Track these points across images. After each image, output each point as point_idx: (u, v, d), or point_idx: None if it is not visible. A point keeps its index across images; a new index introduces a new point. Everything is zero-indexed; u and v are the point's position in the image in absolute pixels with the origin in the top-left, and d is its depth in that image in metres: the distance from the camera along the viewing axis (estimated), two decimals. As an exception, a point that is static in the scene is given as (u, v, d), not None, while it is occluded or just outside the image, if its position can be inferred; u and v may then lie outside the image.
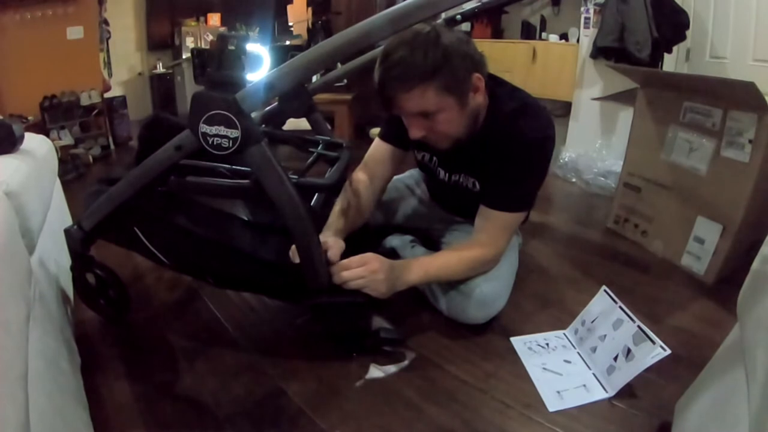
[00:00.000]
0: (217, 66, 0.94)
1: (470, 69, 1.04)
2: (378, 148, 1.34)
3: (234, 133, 0.90)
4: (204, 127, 0.91)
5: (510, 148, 1.11)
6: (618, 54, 2.38)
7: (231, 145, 0.91)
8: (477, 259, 1.18)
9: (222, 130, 0.90)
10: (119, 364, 1.13)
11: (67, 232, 1.14)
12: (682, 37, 2.28)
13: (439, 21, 1.51)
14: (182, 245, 1.12)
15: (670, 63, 2.41)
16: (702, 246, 1.49)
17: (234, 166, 1.05)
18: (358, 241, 1.23)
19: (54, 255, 1.16)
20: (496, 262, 1.22)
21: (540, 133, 1.11)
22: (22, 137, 1.08)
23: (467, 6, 1.53)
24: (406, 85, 1.00)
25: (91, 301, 1.25)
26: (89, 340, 1.21)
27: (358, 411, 1.00)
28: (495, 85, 1.16)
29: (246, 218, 1.42)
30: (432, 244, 1.46)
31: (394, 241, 1.46)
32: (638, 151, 1.78)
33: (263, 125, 1.63)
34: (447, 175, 1.30)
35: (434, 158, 1.32)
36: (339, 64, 1.81)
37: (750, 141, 1.33)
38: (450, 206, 1.45)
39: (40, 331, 0.79)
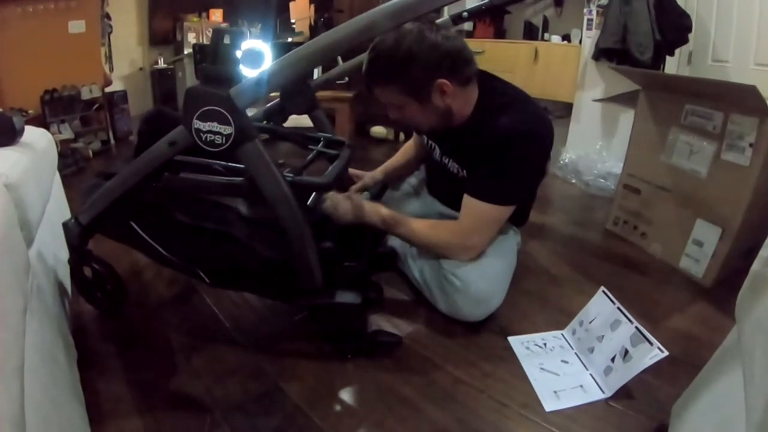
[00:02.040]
0: (212, 61, 0.93)
1: (431, 76, 1.11)
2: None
3: (227, 129, 0.89)
4: (197, 123, 0.90)
5: (489, 141, 1.14)
6: (620, 56, 2.37)
7: (224, 141, 0.90)
8: (451, 236, 1.21)
9: (215, 126, 0.89)
10: (116, 359, 1.13)
11: (65, 225, 1.14)
12: (685, 40, 2.27)
13: (444, 18, 1.52)
14: (179, 239, 1.11)
15: (672, 66, 2.40)
16: (701, 249, 1.49)
17: (229, 164, 1.05)
18: (360, 240, 1.23)
19: (52, 248, 1.16)
20: (472, 253, 1.21)
21: (521, 128, 1.12)
22: (22, 130, 1.08)
23: (473, 4, 1.53)
24: (371, 84, 1.17)
25: (88, 294, 1.25)
26: (86, 333, 1.21)
27: (356, 409, 1.00)
28: (487, 80, 1.22)
29: (244, 213, 1.42)
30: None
31: (395, 239, 1.46)
32: (639, 153, 1.78)
33: (265, 121, 1.62)
34: (441, 156, 1.35)
35: (430, 141, 1.40)
36: (341, 61, 1.81)
37: (750, 145, 1.33)
38: (442, 193, 1.46)
39: (36, 324, 0.79)
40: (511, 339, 1.21)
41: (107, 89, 3.17)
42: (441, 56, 1.09)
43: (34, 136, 1.18)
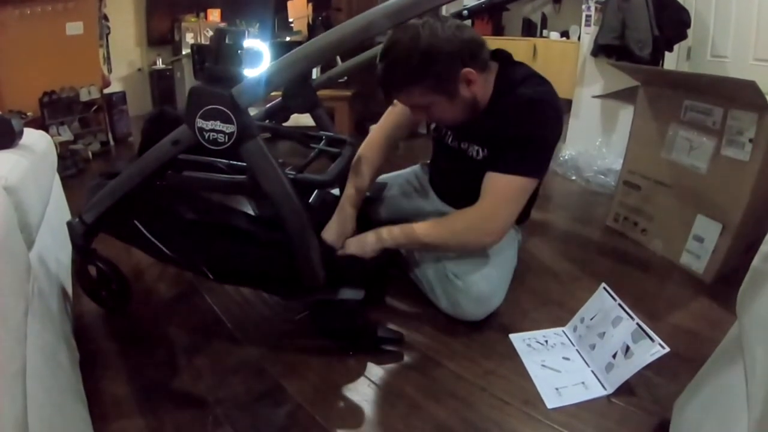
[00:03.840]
0: (214, 61, 0.94)
1: (456, 67, 1.08)
2: (394, 107, 1.44)
3: (230, 128, 0.90)
4: (200, 122, 0.91)
5: (512, 112, 1.13)
6: (619, 52, 2.37)
7: (227, 140, 0.91)
8: (467, 223, 1.17)
9: (218, 125, 0.90)
10: (118, 360, 1.13)
11: (69, 225, 1.15)
12: (684, 36, 2.27)
13: (445, 16, 1.52)
14: (183, 233, 1.12)
15: (671, 61, 2.41)
16: (701, 244, 1.49)
17: (232, 162, 1.05)
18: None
19: (53, 250, 1.16)
20: (495, 235, 1.18)
21: (540, 96, 1.13)
22: (21, 132, 1.08)
23: (473, 2, 1.53)
24: (393, 90, 1.13)
25: (93, 293, 1.25)
26: (88, 334, 1.21)
27: (358, 408, 1.00)
28: (504, 61, 1.23)
29: (253, 213, 1.43)
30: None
31: None
32: (638, 149, 1.78)
33: (266, 120, 1.63)
34: (456, 142, 1.32)
35: (443, 129, 1.37)
36: (340, 61, 1.81)
37: (750, 140, 1.33)
38: (450, 184, 1.45)
39: (38, 327, 0.79)
40: (512, 336, 1.21)
41: (106, 90, 3.17)
42: (460, 46, 1.07)
43: (33, 138, 1.18)
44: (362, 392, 1.04)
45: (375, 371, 1.09)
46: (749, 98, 1.31)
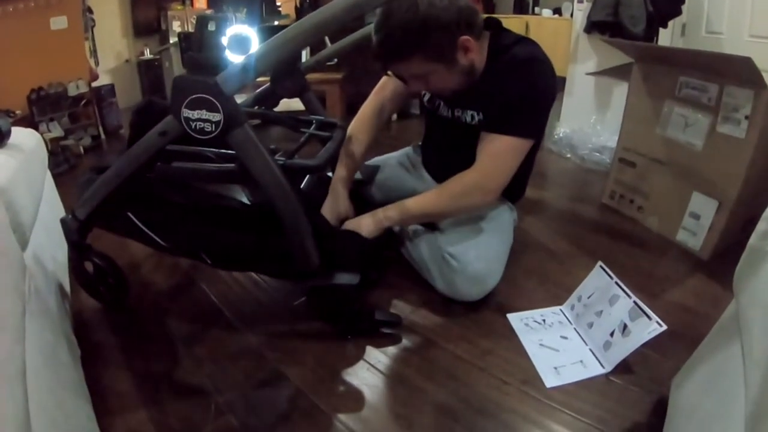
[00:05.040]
0: (198, 48, 0.92)
1: (454, 35, 1.09)
2: (387, 80, 1.44)
3: (216, 116, 0.88)
4: (186, 112, 0.90)
5: (506, 72, 1.15)
6: (612, 28, 2.34)
7: (214, 129, 0.90)
8: (465, 183, 1.18)
9: (204, 114, 0.89)
10: (119, 353, 1.13)
11: (62, 222, 1.14)
12: (678, 12, 2.24)
13: None
14: (177, 222, 1.11)
15: (666, 38, 2.37)
16: (697, 222, 1.49)
17: (221, 150, 1.04)
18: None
19: (48, 248, 1.15)
20: (490, 194, 1.20)
21: (533, 55, 1.15)
22: (9, 132, 1.07)
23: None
24: (392, 60, 1.13)
25: (91, 288, 1.25)
26: (88, 330, 1.21)
27: (357, 391, 1.01)
28: (495, 28, 1.23)
29: (247, 201, 1.42)
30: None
31: None
32: (633, 127, 1.77)
33: (255, 107, 1.61)
34: (450, 111, 1.32)
35: (436, 100, 1.36)
36: (329, 43, 1.78)
37: (746, 117, 1.32)
38: (442, 162, 1.43)
39: (37, 326, 0.79)
40: (510, 316, 1.22)
41: (94, 84, 3.12)
42: (457, 14, 1.08)
43: (22, 136, 1.17)
44: (361, 376, 1.05)
45: (374, 355, 1.10)
46: (745, 75, 1.30)
